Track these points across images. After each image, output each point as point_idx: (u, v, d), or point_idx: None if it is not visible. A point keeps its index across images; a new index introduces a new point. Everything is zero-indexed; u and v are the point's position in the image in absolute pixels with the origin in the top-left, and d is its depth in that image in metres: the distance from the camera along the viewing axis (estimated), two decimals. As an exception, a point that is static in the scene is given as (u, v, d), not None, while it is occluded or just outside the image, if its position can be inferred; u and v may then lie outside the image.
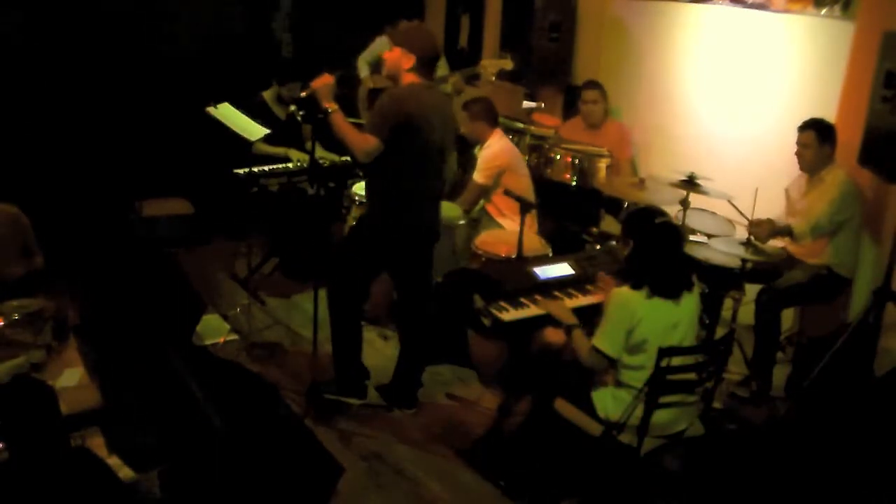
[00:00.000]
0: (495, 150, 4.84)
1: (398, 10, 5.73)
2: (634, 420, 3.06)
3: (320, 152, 5.23)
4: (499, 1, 7.03)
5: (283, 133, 5.29)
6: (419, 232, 3.82)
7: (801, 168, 4.32)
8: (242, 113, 4.62)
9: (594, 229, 4.90)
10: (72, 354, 3.57)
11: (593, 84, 5.48)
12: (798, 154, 4.27)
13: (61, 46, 5.60)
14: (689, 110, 5.51)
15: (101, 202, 5.50)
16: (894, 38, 3.90)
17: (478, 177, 4.83)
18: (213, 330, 4.63)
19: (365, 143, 3.52)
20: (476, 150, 4.99)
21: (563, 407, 3.27)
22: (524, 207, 4.13)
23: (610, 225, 5.07)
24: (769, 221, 4.24)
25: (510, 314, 3.62)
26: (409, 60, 3.58)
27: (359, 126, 3.65)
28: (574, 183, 4.95)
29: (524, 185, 4.78)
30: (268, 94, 5.46)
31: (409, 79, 3.60)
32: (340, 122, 3.54)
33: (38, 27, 5.58)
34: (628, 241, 3.27)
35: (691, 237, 4.47)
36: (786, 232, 4.22)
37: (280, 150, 5.31)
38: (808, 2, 4.73)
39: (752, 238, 4.06)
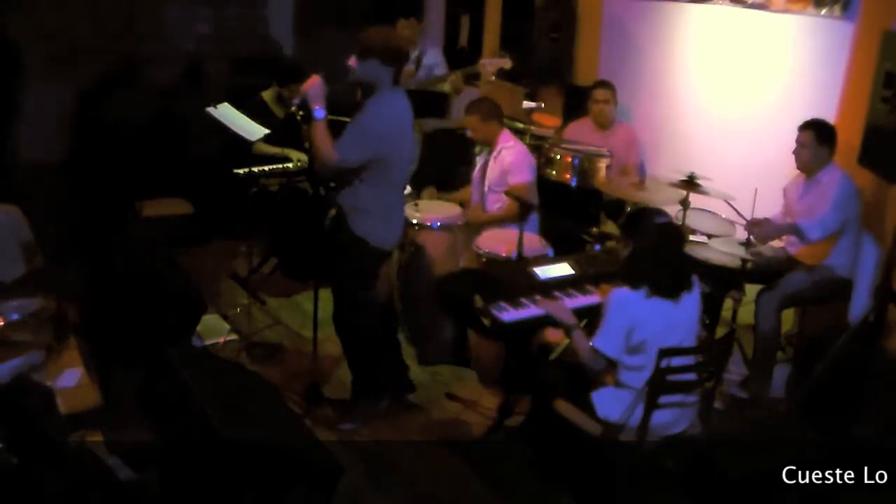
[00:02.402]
0: (521, 167, 4.62)
1: (398, 10, 5.73)
2: (634, 420, 3.06)
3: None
4: (499, 1, 7.03)
5: (282, 133, 5.29)
6: (391, 243, 3.77)
7: (798, 167, 4.31)
8: (242, 113, 4.62)
9: (594, 229, 4.89)
10: (72, 354, 3.57)
11: (604, 83, 5.37)
12: (796, 153, 4.26)
13: (61, 48, 5.61)
14: (690, 110, 5.51)
15: (101, 202, 5.50)
16: (894, 38, 3.89)
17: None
18: (213, 330, 4.63)
19: (329, 158, 3.44)
20: (477, 151, 4.96)
21: (563, 407, 3.27)
22: (524, 208, 4.13)
23: (610, 225, 5.06)
24: (767, 221, 4.23)
25: (510, 314, 3.62)
26: (388, 72, 3.51)
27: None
28: (574, 183, 4.94)
29: (528, 188, 4.75)
30: (267, 95, 5.45)
31: (387, 87, 3.53)
32: (320, 130, 3.44)
33: (38, 28, 5.59)
34: (628, 241, 3.27)
35: (691, 237, 4.47)
36: (791, 230, 4.20)
37: (280, 150, 5.30)
38: (808, 2, 4.73)
39: (752, 238, 4.06)
